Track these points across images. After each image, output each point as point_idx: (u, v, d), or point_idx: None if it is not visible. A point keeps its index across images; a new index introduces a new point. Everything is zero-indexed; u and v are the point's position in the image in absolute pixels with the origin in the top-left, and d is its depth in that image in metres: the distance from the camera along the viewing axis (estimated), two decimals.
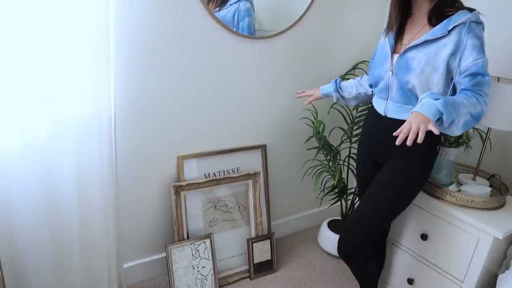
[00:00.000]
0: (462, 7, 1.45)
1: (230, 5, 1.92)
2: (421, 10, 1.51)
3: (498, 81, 1.81)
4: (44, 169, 1.62)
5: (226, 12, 1.91)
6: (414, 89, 1.48)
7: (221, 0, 1.89)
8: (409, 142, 1.21)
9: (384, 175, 1.64)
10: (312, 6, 2.18)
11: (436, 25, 1.44)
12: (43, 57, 1.47)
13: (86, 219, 1.78)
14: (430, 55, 1.43)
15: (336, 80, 1.95)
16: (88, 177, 1.73)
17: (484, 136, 1.89)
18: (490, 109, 1.68)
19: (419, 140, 1.21)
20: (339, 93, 1.93)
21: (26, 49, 1.43)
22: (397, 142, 1.23)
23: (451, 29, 1.39)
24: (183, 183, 2.02)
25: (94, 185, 1.75)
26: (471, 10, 1.42)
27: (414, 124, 1.23)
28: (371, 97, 1.87)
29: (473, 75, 1.37)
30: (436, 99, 1.28)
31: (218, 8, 1.90)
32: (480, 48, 1.39)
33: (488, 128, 1.83)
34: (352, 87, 1.90)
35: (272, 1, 2.08)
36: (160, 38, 1.78)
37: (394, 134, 1.26)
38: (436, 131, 1.22)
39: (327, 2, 2.24)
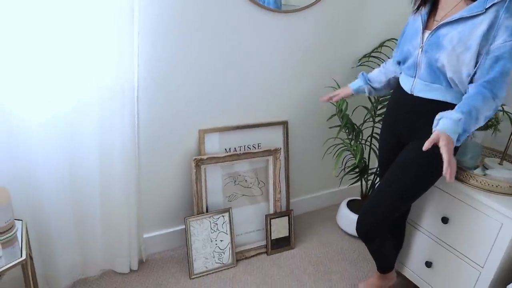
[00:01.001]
0: None
1: None
2: None
3: None
4: (68, 139, 1.66)
5: None
6: (443, 67, 1.43)
7: None
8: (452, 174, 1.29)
9: (406, 156, 1.61)
10: None
11: (472, 1, 1.38)
12: (67, 31, 1.49)
13: (107, 188, 1.82)
14: (464, 33, 1.36)
15: (362, 73, 1.91)
16: (111, 147, 1.76)
17: None
18: None
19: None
20: (370, 85, 1.88)
21: (51, 23, 1.44)
22: (447, 177, 1.28)
23: (489, 7, 1.32)
24: (204, 157, 2.03)
25: (116, 155, 1.78)
26: None
27: (446, 149, 1.26)
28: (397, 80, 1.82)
29: (496, 60, 1.32)
30: (459, 119, 1.30)
31: None
32: None
33: None
34: (381, 76, 1.86)
35: None
36: (186, 9, 1.76)
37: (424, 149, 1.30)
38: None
39: None
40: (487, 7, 1.32)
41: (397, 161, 1.64)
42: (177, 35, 1.79)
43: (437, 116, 1.36)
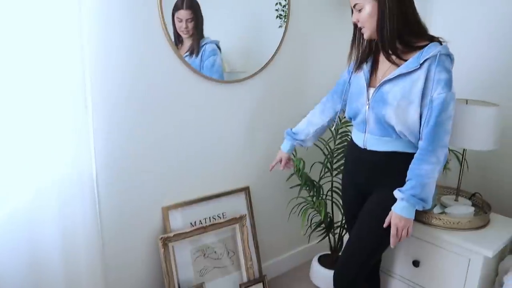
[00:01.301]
0: (430, 37, 1.50)
1: (198, 51, 1.97)
2: None
3: (467, 103, 1.88)
4: (28, 238, 1.58)
5: (195, 59, 1.96)
6: (391, 122, 1.52)
7: (191, 50, 1.94)
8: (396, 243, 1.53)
9: (370, 206, 1.65)
10: (281, 47, 2.26)
11: (402, 58, 1.50)
12: (21, 123, 1.46)
13: (72, 282, 1.72)
14: (405, 88, 1.47)
15: (287, 132, 1.99)
16: (73, 238, 1.69)
17: (460, 157, 1.94)
18: (463, 131, 1.75)
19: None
20: (296, 140, 1.95)
21: (3, 114, 1.42)
22: (392, 246, 1.54)
23: (423, 62, 1.44)
24: (170, 234, 1.98)
25: (79, 246, 1.71)
26: (433, 39, 1.49)
27: (399, 230, 1.50)
28: (327, 126, 1.93)
29: (432, 111, 1.44)
30: (412, 195, 1.46)
31: (192, 56, 1.94)
32: (447, 81, 1.44)
33: (464, 149, 1.89)
34: (308, 128, 1.93)
35: (242, 43, 2.14)
36: (135, 90, 1.80)
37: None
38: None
39: (294, 41, 2.33)
40: (421, 62, 1.44)
41: (362, 212, 1.67)
42: (130, 117, 1.81)
43: (394, 193, 1.53)
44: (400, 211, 1.49)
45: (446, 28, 2.17)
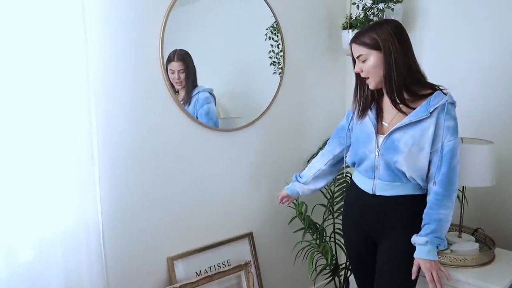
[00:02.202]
0: (431, 86, 1.55)
1: (191, 97, 2.02)
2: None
3: (462, 141, 1.93)
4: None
5: (187, 108, 2.01)
6: (402, 168, 1.55)
7: (186, 99, 2.00)
8: None
9: (388, 254, 1.63)
10: (278, 94, 2.33)
11: (409, 105, 1.53)
12: (26, 174, 1.47)
13: None
14: (416, 136, 1.51)
15: (295, 175, 1.99)
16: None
17: (460, 194, 1.97)
18: (462, 169, 1.78)
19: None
20: (299, 182, 1.95)
21: (6, 164, 1.43)
22: (413, 277, 1.54)
23: (432, 111, 1.49)
24: (177, 286, 1.96)
25: None
26: (434, 87, 1.54)
27: (434, 275, 1.50)
28: (328, 171, 1.91)
29: (443, 158, 1.50)
30: (435, 237, 1.49)
31: (185, 105, 2.00)
32: (455, 128, 1.51)
33: (463, 187, 1.92)
34: (308, 171, 1.94)
35: (236, 90, 2.21)
36: (138, 142, 1.84)
37: None
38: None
39: (290, 88, 2.41)
40: (431, 111, 1.49)
41: (384, 267, 1.64)
42: (133, 168, 1.84)
43: (411, 239, 1.55)
44: (426, 255, 1.50)
45: (437, 67, 2.25)
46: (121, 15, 1.72)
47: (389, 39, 1.51)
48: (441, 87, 1.55)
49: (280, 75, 2.33)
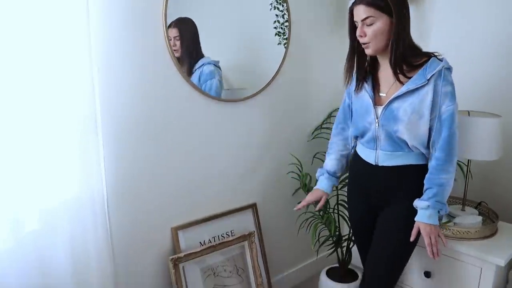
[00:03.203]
0: (426, 54, 1.54)
1: (195, 70, 1.98)
2: (386, 63, 1.59)
3: (469, 115, 1.91)
4: (39, 262, 1.57)
5: (192, 78, 1.97)
6: (403, 137, 1.55)
7: (188, 69, 1.96)
8: (437, 256, 1.56)
9: (388, 220, 1.66)
10: (283, 64, 2.29)
11: (406, 75, 1.53)
12: (31, 145, 1.47)
13: None
14: (415, 104, 1.51)
15: (322, 171, 1.92)
16: (85, 261, 1.68)
17: (465, 167, 1.97)
18: (467, 142, 1.78)
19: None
20: (337, 178, 1.92)
21: (10, 135, 1.42)
22: (436, 258, 1.56)
23: (430, 77, 1.48)
24: (181, 255, 1.99)
25: (91, 268, 1.70)
26: (429, 55, 1.54)
27: (432, 239, 1.54)
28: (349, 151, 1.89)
29: (443, 124, 1.51)
30: (436, 201, 1.52)
31: (189, 76, 1.96)
32: (453, 93, 1.51)
33: (468, 160, 1.92)
34: (341, 162, 1.89)
35: (240, 60, 2.17)
36: (143, 112, 1.82)
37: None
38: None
39: (296, 58, 2.37)
40: (428, 78, 1.48)
41: (382, 228, 1.67)
42: (138, 139, 1.83)
43: (413, 203, 1.58)
44: (427, 219, 1.53)
45: (447, 39, 2.21)
46: None
47: (402, 5, 1.49)
48: (435, 54, 1.54)
49: (285, 45, 2.29)
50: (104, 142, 1.71)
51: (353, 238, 2.36)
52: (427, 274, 1.86)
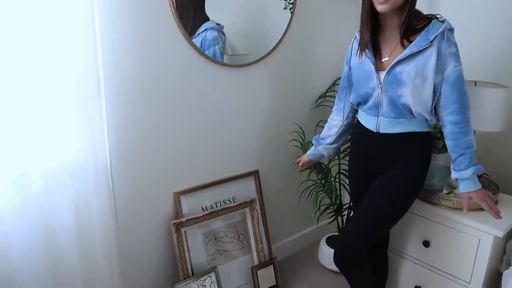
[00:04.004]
0: (427, 17, 1.53)
1: (198, 34, 1.94)
2: (392, 25, 1.57)
3: (475, 85, 1.88)
4: (43, 222, 1.59)
5: (194, 42, 1.93)
6: (407, 102, 1.53)
7: (190, 30, 1.91)
8: (499, 215, 1.55)
9: (380, 182, 1.68)
10: (289, 30, 2.25)
11: (409, 39, 1.51)
12: (35, 104, 1.47)
13: (88, 266, 1.75)
14: (419, 66, 1.49)
15: (314, 138, 2.01)
16: (88, 223, 1.71)
17: None
18: (473, 113, 1.74)
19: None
20: (322, 144, 1.95)
21: (14, 95, 1.42)
22: (497, 217, 1.54)
23: (433, 39, 1.46)
24: (183, 219, 2.01)
25: (94, 231, 1.73)
26: (431, 17, 1.52)
27: (488, 201, 1.55)
28: (350, 123, 1.90)
29: (453, 85, 1.50)
30: (473, 165, 1.55)
31: (190, 37, 1.92)
32: (457, 54, 1.51)
33: (473, 131, 1.89)
34: (330, 131, 1.93)
35: (244, 25, 2.14)
36: (146, 74, 1.81)
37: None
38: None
39: (301, 24, 2.33)
40: (431, 39, 1.46)
41: (371, 189, 1.69)
42: (141, 104, 1.82)
43: (453, 176, 1.60)
44: (475, 186, 1.56)
45: (454, 8, 2.16)
46: None
47: None
48: (437, 16, 1.53)
49: (291, 10, 2.24)
50: (106, 105, 1.70)
51: (353, 206, 2.37)
52: (426, 244, 1.88)
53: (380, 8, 1.49)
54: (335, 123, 1.91)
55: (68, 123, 1.56)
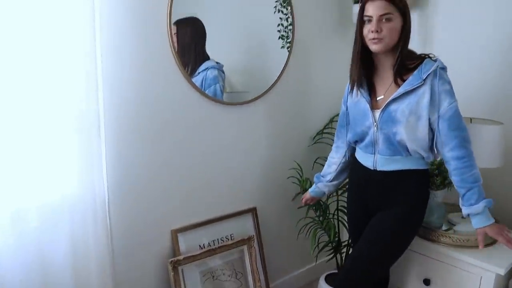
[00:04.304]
0: (420, 56, 1.57)
1: (199, 73, 1.98)
2: (385, 65, 1.61)
3: (471, 122, 1.91)
4: (39, 257, 1.57)
5: (195, 81, 1.97)
6: (402, 140, 1.55)
7: (191, 69, 1.96)
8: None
9: (378, 220, 1.67)
10: (286, 68, 2.30)
11: (402, 78, 1.55)
12: (34, 140, 1.48)
13: None
14: (412, 104, 1.52)
15: (315, 175, 2.02)
16: (85, 260, 1.69)
17: None
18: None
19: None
20: (322, 182, 1.97)
21: (13, 130, 1.43)
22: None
23: (426, 78, 1.50)
24: (180, 258, 1.98)
25: (91, 267, 1.71)
26: (424, 57, 1.56)
27: (504, 234, 1.52)
28: (348, 160, 1.91)
29: (450, 123, 1.51)
30: (483, 199, 1.52)
31: (191, 76, 1.96)
32: (451, 91, 1.53)
33: None
34: (329, 168, 1.95)
35: (243, 63, 2.19)
36: (146, 111, 1.83)
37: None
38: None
39: (299, 62, 2.38)
40: (424, 78, 1.49)
41: (370, 227, 1.68)
42: (139, 141, 1.84)
43: (464, 212, 1.58)
44: (488, 221, 1.53)
45: (448, 46, 2.21)
46: None
47: (408, 9, 1.54)
48: (430, 55, 1.57)
49: (289, 49, 2.29)
50: (106, 142, 1.71)
51: (352, 244, 2.35)
52: (426, 282, 1.85)
53: (374, 48, 1.55)
54: (334, 160, 1.92)
55: (67, 159, 1.57)
